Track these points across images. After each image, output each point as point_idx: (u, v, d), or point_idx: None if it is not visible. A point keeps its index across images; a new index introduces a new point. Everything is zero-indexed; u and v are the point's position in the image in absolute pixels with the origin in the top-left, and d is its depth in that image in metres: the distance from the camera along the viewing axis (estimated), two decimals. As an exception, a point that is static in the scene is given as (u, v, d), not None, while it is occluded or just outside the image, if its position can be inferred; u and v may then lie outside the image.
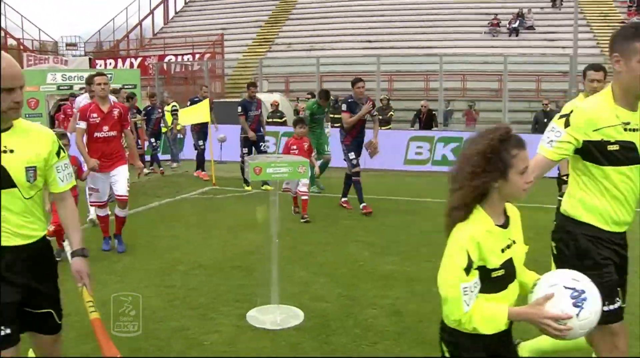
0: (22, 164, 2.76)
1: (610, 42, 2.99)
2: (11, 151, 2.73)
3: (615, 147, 2.91)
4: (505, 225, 2.37)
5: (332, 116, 18.31)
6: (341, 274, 5.95)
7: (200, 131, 13.16)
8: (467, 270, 2.21)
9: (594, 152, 2.94)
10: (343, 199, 9.61)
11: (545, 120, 16.54)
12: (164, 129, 15.50)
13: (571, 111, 3.02)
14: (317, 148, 10.50)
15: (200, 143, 13.30)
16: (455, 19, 32.45)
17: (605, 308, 2.67)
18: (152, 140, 14.61)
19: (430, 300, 5.10)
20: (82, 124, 6.87)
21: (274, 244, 4.79)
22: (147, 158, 14.47)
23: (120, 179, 6.96)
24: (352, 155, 9.25)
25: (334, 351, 4.16)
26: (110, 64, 29.10)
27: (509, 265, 2.33)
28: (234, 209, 9.59)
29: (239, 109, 11.63)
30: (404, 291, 5.40)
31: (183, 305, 5.07)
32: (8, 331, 2.69)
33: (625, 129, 2.92)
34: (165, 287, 5.51)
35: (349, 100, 9.30)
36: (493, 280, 2.30)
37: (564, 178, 4.77)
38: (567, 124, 2.96)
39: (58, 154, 2.94)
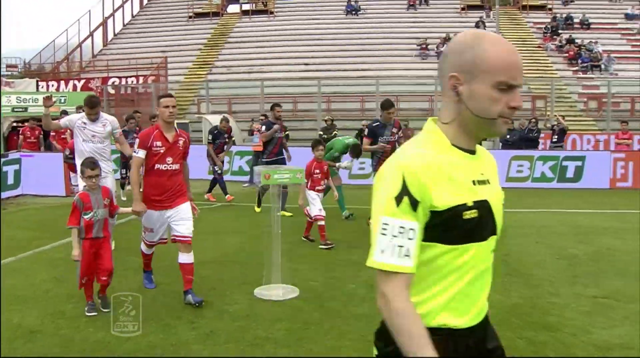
0: (501, 202, 2.00)
1: None
2: (488, 182, 1.95)
3: None
4: None
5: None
6: (320, 263, 7.38)
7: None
8: None
9: None
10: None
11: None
12: None
13: None
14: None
15: (217, 168, 13.13)
16: (387, 42, 34.23)
17: None
18: None
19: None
20: (141, 153, 5.82)
21: (276, 234, 6.14)
22: None
23: (185, 217, 5.99)
24: None
25: (330, 311, 5.52)
26: (52, 85, 29.39)
27: None
28: (210, 219, 10.79)
29: (263, 128, 11.29)
30: (371, 272, 6.81)
31: (200, 288, 6.29)
32: None
33: None
34: (178, 277, 6.68)
35: (374, 124, 9.16)
36: None
37: None
38: None
39: None
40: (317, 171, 8.69)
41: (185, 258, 5.94)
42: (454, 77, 1.86)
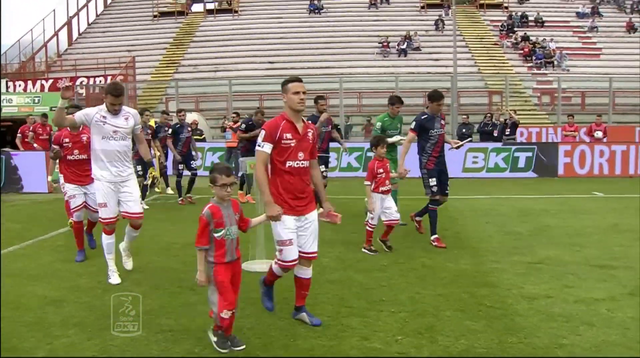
0: None
1: None
2: None
3: None
4: None
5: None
6: (296, 242, 8.37)
7: (249, 151, 12.12)
8: None
9: None
10: (433, 236, 8.38)
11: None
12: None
13: None
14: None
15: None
16: (349, 40, 35.31)
17: None
18: (180, 167, 13.11)
19: (360, 251, 7.70)
20: (267, 148, 4.94)
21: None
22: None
23: (316, 232, 5.23)
24: (432, 181, 8.29)
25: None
26: (20, 85, 29.62)
27: None
28: (187, 208, 11.76)
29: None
30: (342, 249, 7.98)
31: (194, 263, 7.25)
32: None
33: None
34: (172, 256, 7.68)
35: (423, 117, 8.31)
36: None
37: None
38: None
39: None
40: (381, 170, 7.91)
41: (306, 272, 5.29)
42: None
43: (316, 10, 38.89)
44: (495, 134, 18.93)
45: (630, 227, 9.58)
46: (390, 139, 9.41)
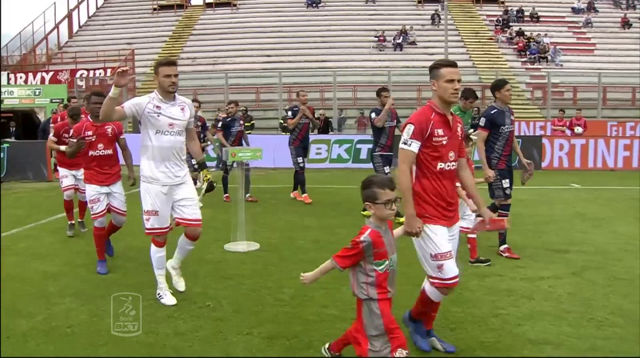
0: None
1: None
2: None
3: None
4: None
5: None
6: (277, 227, 9.10)
7: (300, 146, 11.79)
8: None
9: None
10: (503, 247, 7.60)
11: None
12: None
13: None
14: None
15: (300, 159, 11.69)
16: (346, 34, 35.83)
17: None
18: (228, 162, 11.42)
19: (335, 234, 8.33)
20: (415, 146, 4.15)
21: (240, 199, 7.78)
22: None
23: (456, 246, 4.49)
24: (506, 183, 7.63)
25: (283, 257, 7.20)
26: (20, 77, 30.13)
27: None
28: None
29: (372, 115, 10.15)
30: (318, 233, 8.67)
31: (181, 245, 7.92)
32: None
33: None
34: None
35: (492, 111, 7.30)
36: None
37: None
38: None
39: None
40: None
41: (435, 293, 4.46)
42: None
43: (314, 4, 39.42)
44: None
45: (595, 215, 10.24)
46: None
